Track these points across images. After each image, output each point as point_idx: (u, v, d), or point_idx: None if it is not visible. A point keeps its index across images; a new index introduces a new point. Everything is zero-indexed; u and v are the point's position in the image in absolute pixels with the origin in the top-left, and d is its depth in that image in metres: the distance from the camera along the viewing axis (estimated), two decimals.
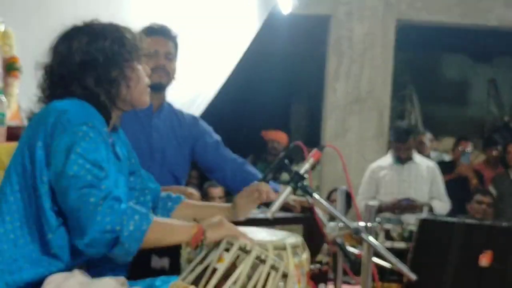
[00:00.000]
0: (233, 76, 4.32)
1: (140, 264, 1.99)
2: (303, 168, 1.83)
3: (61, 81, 1.68)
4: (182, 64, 2.76)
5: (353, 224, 1.79)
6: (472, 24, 6.28)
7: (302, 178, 1.82)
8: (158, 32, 2.59)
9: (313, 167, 1.90)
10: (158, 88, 2.61)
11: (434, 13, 6.16)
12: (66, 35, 1.71)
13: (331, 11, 6.12)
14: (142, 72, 1.76)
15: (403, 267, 1.83)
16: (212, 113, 4.25)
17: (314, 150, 1.85)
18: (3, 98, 2.64)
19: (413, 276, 1.86)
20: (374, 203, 2.03)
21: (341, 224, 1.94)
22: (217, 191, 5.02)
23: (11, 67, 2.77)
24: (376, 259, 1.99)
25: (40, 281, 1.57)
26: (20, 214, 1.60)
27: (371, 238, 1.81)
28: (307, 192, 1.82)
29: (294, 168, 1.87)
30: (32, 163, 1.59)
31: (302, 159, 1.90)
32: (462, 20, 6.19)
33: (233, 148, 2.82)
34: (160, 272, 1.99)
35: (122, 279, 1.57)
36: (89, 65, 1.66)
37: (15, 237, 1.59)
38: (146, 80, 1.78)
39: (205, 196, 5.04)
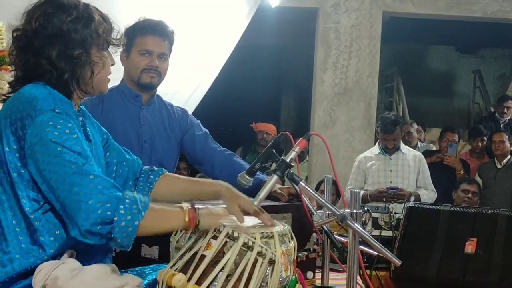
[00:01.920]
0: (222, 69, 4.34)
1: (130, 253, 2.02)
2: (289, 156, 1.85)
3: (31, 51, 1.65)
4: (174, 62, 2.76)
5: (339, 211, 1.81)
6: (457, 16, 6.34)
7: (288, 166, 1.84)
8: (156, 32, 2.58)
9: (301, 158, 1.92)
10: (148, 88, 2.63)
11: (419, 6, 6.22)
12: (38, 7, 1.68)
13: (319, 3, 6.16)
14: (108, 61, 1.75)
15: (388, 253, 1.85)
16: (202, 106, 4.26)
17: (300, 139, 1.88)
18: None
19: (397, 262, 1.89)
20: (359, 190, 2.04)
21: (328, 212, 1.97)
22: None
23: (1, 61, 2.76)
24: (362, 247, 2.01)
25: (31, 271, 1.56)
26: (4, 206, 1.58)
27: (356, 225, 1.83)
28: (293, 180, 1.84)
29: (282, 157, 1.89)
30: (3, 153, 1.57)
31: (290, 148, 1.92)
32: (447, 12, 6.25)
33: (223, 140, 2.84)
34: (150, 261, 2.02)
35: (112, 265, 1.58)
36: (55, 38, 1.63)
37: (3, 229, 1.57)
38: (109, 70, 1.77)
39: None
